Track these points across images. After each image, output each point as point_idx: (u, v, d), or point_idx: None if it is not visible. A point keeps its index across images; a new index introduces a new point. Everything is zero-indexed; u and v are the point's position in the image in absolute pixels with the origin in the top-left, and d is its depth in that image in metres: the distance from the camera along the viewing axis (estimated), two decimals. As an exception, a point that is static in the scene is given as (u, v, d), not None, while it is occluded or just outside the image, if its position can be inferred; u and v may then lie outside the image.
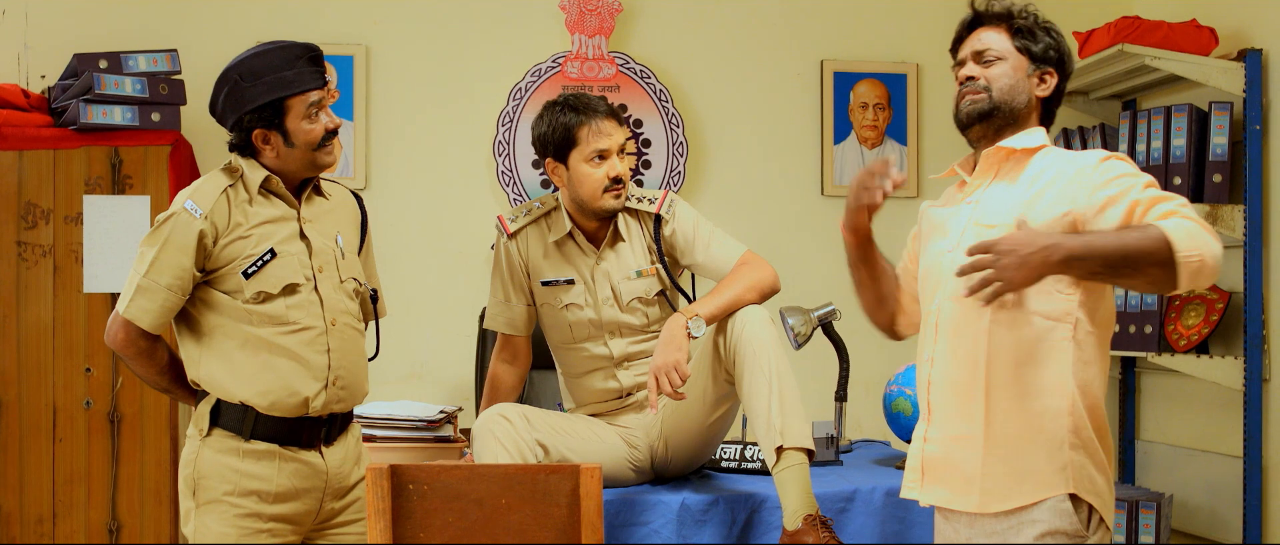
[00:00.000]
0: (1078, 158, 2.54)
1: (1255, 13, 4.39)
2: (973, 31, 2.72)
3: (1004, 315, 2.47)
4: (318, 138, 2.82)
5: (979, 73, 2.64)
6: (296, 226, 2.86)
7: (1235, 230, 4.30)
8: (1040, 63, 2.63)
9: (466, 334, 4.71)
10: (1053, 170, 2.53)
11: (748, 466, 3.52)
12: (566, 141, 3.34)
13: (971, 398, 2.50)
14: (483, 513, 2.42)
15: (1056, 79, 2.65)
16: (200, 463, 2.75)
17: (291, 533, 2.80)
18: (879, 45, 5.16)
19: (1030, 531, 2.42)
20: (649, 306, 3.43)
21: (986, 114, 2.61)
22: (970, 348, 2.51)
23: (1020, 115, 2.62)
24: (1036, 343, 2.46)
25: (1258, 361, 4.26)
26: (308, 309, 2.80)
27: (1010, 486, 2.45)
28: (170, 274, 2.70)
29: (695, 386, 3.26)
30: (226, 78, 2.83)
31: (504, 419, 3.12)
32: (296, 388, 2.77)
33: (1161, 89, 4.80)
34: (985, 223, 2.55)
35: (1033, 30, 2.64)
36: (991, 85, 2.61)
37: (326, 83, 2.85)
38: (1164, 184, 4.39)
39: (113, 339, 2.77)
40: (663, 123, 4.96)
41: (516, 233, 3.46)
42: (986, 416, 2.48)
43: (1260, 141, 4.26)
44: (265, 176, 2.82)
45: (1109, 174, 2.45)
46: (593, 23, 4.93)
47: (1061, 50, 2.66)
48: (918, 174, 5.14)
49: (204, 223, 2.71)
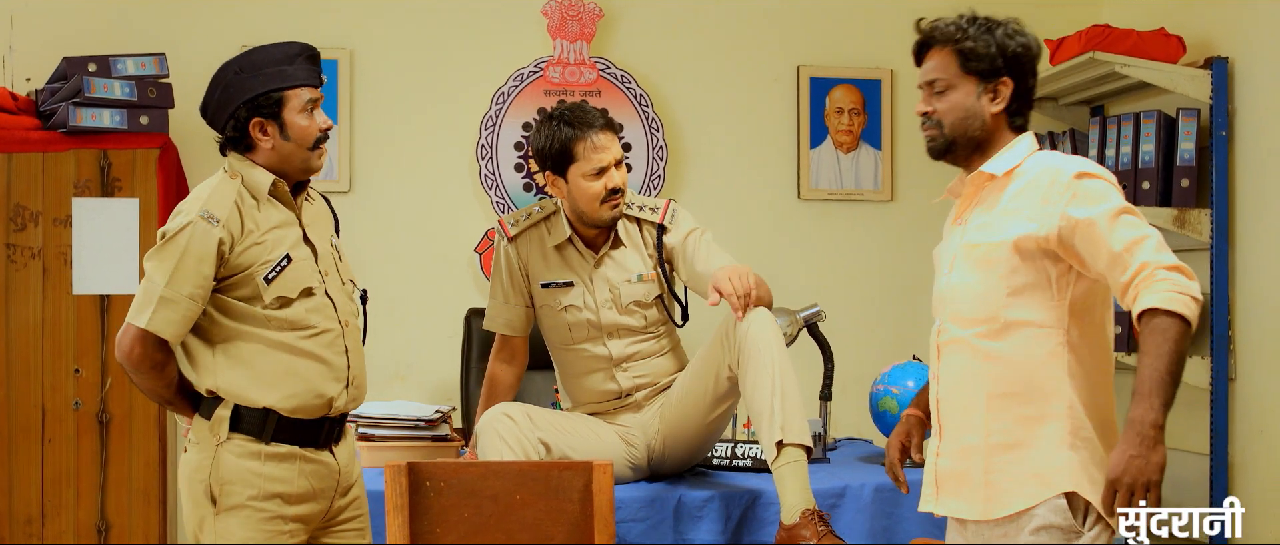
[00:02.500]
0: (1054, 171, 2.53)
1: (1222, 22, 4.51)
2: (924, 55, 2.70)
3: (997, 332, 2.53)
4: (313, 135, 2.84)
5: (931, 106, 2.65)
6: (300, 231, 2.88)
7: (1202, 234, 4.41)
8: (990, 77, 2.61)
9: (450, 335, 4.76)
10: (1027, 192, 2.54)
11: (739, 464, 3.61)
12: (564, 157, 3.39)
13: (973, 410, 2.55)
14: (497, 508, 2.49)
15: (1012, 85, 2.61)
16: (220, 468, 2.74)
17: (303, 532, 2.83)
18: (854, 51, 5.25)
19: (1027, 528, 2.48)
20: (647, 309, 3.50)
21: (945, 150, 2.65)
22: (969, 364, 2.56)
23: (985, 137, 2.63)
24: (1030, 352, 2.51)
25: (1224, 361, 4.38)
26: (323, 312, 2.83)
27: (1012, 491, 2.50)
28: (192, 284, 2.69)
29: (698, 385, 3.35)
30: (223, 73, 2.84)
31: (508, 417, 3.19)
32: (322, 390, 2.80)
33: (1129, 95, 4.91)
34: (972, 242, 2.60)
35: (977, 50, 2.60)
36: (943, 120, 2.62)
37: (323, 82, 2.88)
38: (1134, 188, 4.52)
39: (127, 354, 2.71)
40: (643, 127, 5.04)
41: (516, 236, 3.52)
42: (986, 426, 2.53)
43: (1226, 147, 4.37)
44: (272, 180, 2.83)
45: (1082, 194, 2.47)
46: (574, 28, 5.00)
47: (1011, 53, 2.61)
48: (892, 178, 5.24)
49: (222, 231, 2.71)
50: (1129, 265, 2.38)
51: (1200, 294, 2.37)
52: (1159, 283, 2.35)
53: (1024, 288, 2.51)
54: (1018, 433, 2.50)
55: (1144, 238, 2.41)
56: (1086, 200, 2.46)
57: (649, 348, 3.50)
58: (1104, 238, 2.41)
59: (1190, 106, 4.47)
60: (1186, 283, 2.36)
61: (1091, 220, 2.43)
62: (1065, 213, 2.45)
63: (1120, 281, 2.40)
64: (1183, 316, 2.32)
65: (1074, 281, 2.52)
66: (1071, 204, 2.46)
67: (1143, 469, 2.30)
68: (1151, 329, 2.33)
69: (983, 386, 2.54)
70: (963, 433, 2.57)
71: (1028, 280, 2.50)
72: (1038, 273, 2.51)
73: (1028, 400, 2.50)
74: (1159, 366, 2.31)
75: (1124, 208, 2.45)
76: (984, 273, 2.54)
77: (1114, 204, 2.45)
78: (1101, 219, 2.42)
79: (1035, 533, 2.46)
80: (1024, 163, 2.60)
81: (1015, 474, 2.49)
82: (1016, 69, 2.62)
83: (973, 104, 2.61)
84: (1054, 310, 2.51)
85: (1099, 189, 2.48)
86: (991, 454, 2.52)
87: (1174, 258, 2.41)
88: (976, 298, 2.55)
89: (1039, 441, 2.49)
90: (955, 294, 2.60)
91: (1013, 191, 2.57)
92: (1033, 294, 2.51)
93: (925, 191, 5.22)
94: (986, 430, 2.52)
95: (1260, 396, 4.29)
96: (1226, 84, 4.39)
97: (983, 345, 2.54)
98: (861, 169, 5.20)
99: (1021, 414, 2.50)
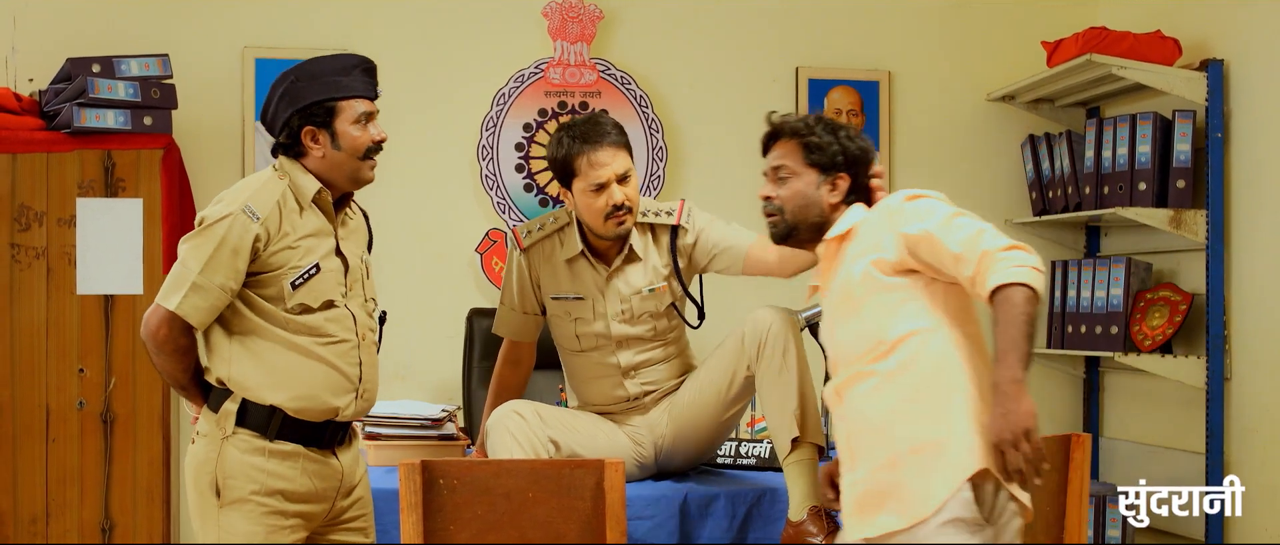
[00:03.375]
0: (884, 205, 2.78)
1: (1217, 25, 4.57)
2: (772, 145, 2.95)
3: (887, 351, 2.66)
4: (364, 146, 2.88)
5: (774, 192, 2.90)
6: (334, 242, 2.92)
7: (1198, 234, 4.46)
8: (829, 171, 2.85)
9: (450, 335, 4.79)
10: (868, 231, 2.76)
11: (743, 462, 3.65)
12: (567, 171, 3.38)
13: (883, 426, 2.64)
14: (510, 506, 2.52)
15: (849, 181, 2.86)
16: (225, 462, 2.78)
17: (303, 528, 2.87)
18: (852, 53, 5.29)
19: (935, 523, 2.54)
20: (658, 319, 3.50)
21: (787, 234, 2.90)
22: (870, 388, 2.67)
23: (822, 223, 2.86)
24: (921, 355, 2.63)
25: (1219, 361, 4.43)
26: (342, 323, 2.87)
27: (934, 483, 2.56)
28: (224, 274, 2.73)
29: (712, 386, 3.38)
30: (282, 80, 2.89)
31: (518, 415, 3.22)
32: (331, 396, 2.83)
33: (1125, 97, 4.97)
34: (838, 298, 2.78)
35: (820, 145, 2.85)
36: (784, 207, 2.87)
37: (378, 95, 2.91)
38: (1130, 190, 4.58)
39: (153, 333, 2.76)
40: (643, 128, 5.07)
41: (529, 248, 3.51)
42: (897, 435, 2.61)
43: (1222, 148, 4.43)
44: (318, 189, 2.87)
45: (913, 213, 2.66)
46: (574, 29, 5.03)
47: (851, 153, 2.86)
48: (890, 178, 5.26)
49: (259, 227, 2.75)
50: (969, 260, 2.56)
51: (1040, 262, 2.55)
52: (998, 263, 2.52)
53: (897, 305, 2.67)
54: (927, 431, 2.59)
55: (979, 232, 2.59)
56: (917, 217, 2.66)
57: (658, 355, 3.52)
58: (943, 244, 2.59)
59: (1186, 108, 4.54)
60: (1024, 256, 2.54)
61: (927, 232, 2.62)
62: (903, 232, 2.66)
63: (966, 277, 2.58)
64: (1025, 283, 2.49)
65: (940, 284, 2.68)
66: (906, 224, 2.67)
67: (1015, 420, 2.44)
68: (999, 302, 2.51)
69: (887, 401, 2.65)
70: (878, 451, 2.64)
71: (898, 297, 2.67)
72: (903, 288, 2.68)
73: (931, 399, 2.61)
74: (1011, 331, 2.48)
75: (954, 213, 2.66)
76: (858, 313, 2.72)
77: (944, 212, 2.66)
78: (936, 229, 2.62)
79: (943, 525, 2.53)
80: (857, 222, 2.82)
81: (934, 466, 2.57)
82: (853, 168, 2.87)
83: (812, 193, 2.86)
84: (930, 313, 2.66)
85: (927, 206, 2.69)
86: (908, 458, 2.59)
87: (1008, 240, 2.58)
88: (859, 335, 2.71)
89: (947, 432, 2.58)
90: (842, 345, 2.76)
91: (854, 241, 2.79)
92: (906, 306, 2.66)
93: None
94: (897, 439, 2.61)
95: (1256, 395, 4.35)
96: (1222, 86, 4.45)
97: (878, 367, 2.66)
98: (859, 170, 5.23)
99: (928, 412, 2.60)
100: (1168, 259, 4.82)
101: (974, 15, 5.36)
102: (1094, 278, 4.86)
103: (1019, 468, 2.45)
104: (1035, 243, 5.16)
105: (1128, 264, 4.72)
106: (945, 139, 5.32)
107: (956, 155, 5.31)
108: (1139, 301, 4.69)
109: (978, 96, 5.32)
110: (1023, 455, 2.44)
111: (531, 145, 5.02)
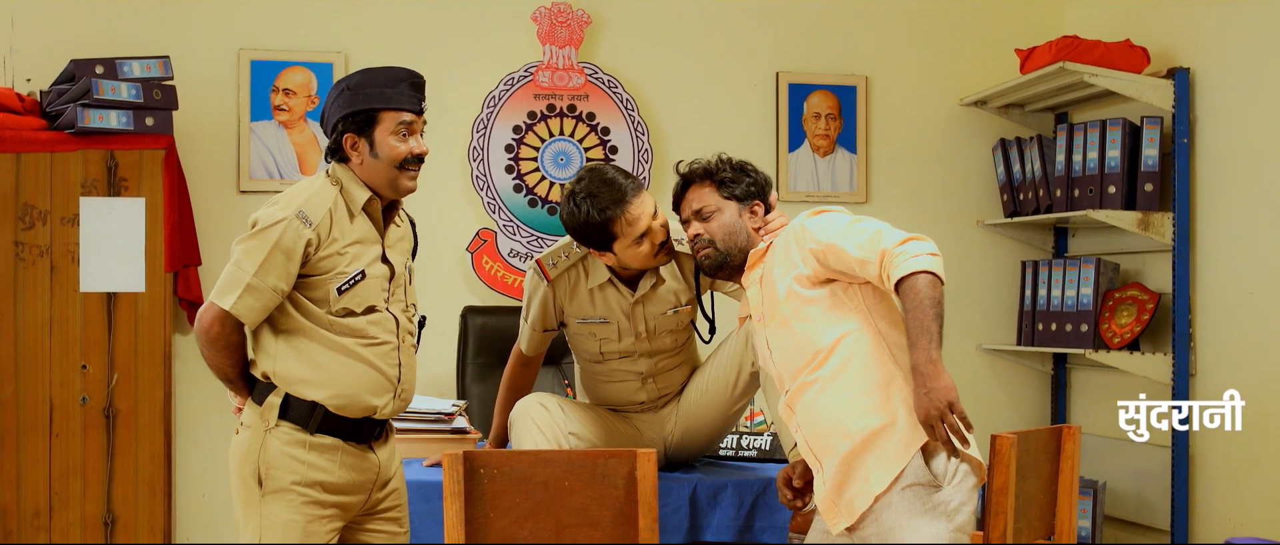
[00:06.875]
0: (791, 227, 3.04)
1: (1184, 34, 4.74)
2: (687, 191, 3.24)
3: (826, 356, 2.87)
4: (400, 156, 2.96)
5: (702, 229, 3.18)
6: (381, 250, 3.01)
7: (1165, 236, 4.64)
8: (746, 200, 3.19)
9: (442, 332, 4.87)
10: (782, 253, 3.01)
11: (745, 455, 3.80)
12: (606, 238, 3.33)
13: (837, 424, 2.83)
14: (547, 494, 2.63)
15: (763, 207, 3.21)
16: (267, 453, 2.88)
17: (340, 517, 2.97)
18: (831, 59, 5.44)
19: (898, 487, 2.76)
20: (677, 334, 3.62)
21: (721, 263, 3.16)
22: (817, 393, 2.87)
23: (748, 248, 3.15)
24: (857, 353, 2.86)
25: (1185, 357, 4.61)
26: (384, 325, 2.96)
27: (892, 458, 2.76)
28: (277, 276, 2.82)
29: (720, 382, 3.53)
30: (338, 87, 2.98)
31: (542, 407, 3.35)
32: (370, 395, 2.94)
33: (1094, 103, 5.14)
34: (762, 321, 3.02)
35: (733, 179, 3.19)
36: (715, 238, 3.16)
37: (423, 110, 3.00)
38: (1099, 193, 4.74)
39: (206, 329, 2.85)
40: (629, 130, 5.20)
41: (555, 279, 3.53)
42: (851, 428, 2.80)
43: (1188, 153, 4.60)
44: (368, 197, 2.96)
45: (815, 228, 2.93)
46: (563, 34, 5.15)
47: (759, 181, 3.22)
48: (867, 180, 5.43)
49: (311, 232, 2.84)
50: (871, 261, 2.81)
51: (935, 247, 2.79)
52: (896, 258, 2.77)
53: (824, 313, 2.90)
54: (875, 419, 2.80)
55: (876, 233, 2.85)
56: (819, 232, 2.93)
57: (673, 361, 3.65)
58: (846, 251, 2.84)
59: (1154, 115, 4.70)
60: (919, 245, 2.78)
61: (831, 244, 2.88)
62: (810, 248, 2.92)
63: (873, 276, 2.82)
64: (925, 271, 2.73)
65: (857, 287, 2.92)
66: (811, 240, 2.93)
67: (937, 396, 2.67)
68: (905, 291, 2.74)
69: (835, 400, 2.85)
70: (837, 446, 2.83)
71: (823, 307, 2.91)
72: (826, 298, 2.92)
73: (872, 390, 2.82)
74: (920, 317, 2.71)
75: (851, 220, 2.94)
76: (790, 327, 2.94)
77: (843, 222, 2.93)
78: (838, 239, 2.88)
79: (903, 491, 2.75)
80: (769, 245, 3.11)
81: (886, 447, 2.78)
82: (763, 194, 3.23)
83: (737, 221, 3.17)
84: (855, 315, 2.90)
85: (826, 220, 2.96)
86: (864, 446, 2.79)
87: (904, 234, 2.82)
88: (796, 348, 2.93)
89: (891, 416, 2.79)
90: (783, 361, 2.97)
91: (774, 264, 3.02)
92: (832, 313, 2.90)
93: (897, 193, 5.43)
94: (851, 432, 2.80)
95: (1219, 390, 4.47)
96: (1188, 93, 4.62)
97: (820, 373, 2.88)
98: (837, 172, 5.39)
99: (872, 403, 2.81)
100: (1135, 260, 4.98)
101: (948, 23, 5.52)
102: (1064, 277, 5.03)
103: (947, 437, 2.69)
104: (1006, 243, 5.44)
105: (1097, 264, 4.89)
106: (920, 142, 5.47)
107: (930, 158, 5.47)
108: (1108, 300, 4.86)
109: (951, 101, 5.48)
110: (949, 426, 2.67)
111: (521, 146, 5.13)
